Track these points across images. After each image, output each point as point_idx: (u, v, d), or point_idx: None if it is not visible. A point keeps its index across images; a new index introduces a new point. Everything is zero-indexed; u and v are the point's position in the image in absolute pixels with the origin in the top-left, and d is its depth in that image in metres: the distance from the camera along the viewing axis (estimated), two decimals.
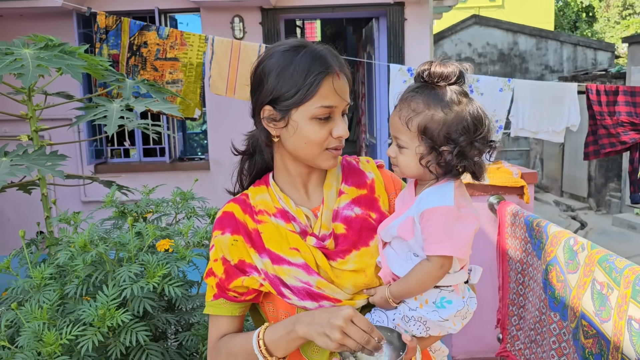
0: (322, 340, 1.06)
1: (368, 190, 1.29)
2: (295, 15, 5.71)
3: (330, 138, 1.19)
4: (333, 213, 1.25)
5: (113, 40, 3.99)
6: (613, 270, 1.75)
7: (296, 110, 1.17)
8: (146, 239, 1.49)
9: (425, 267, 1.14)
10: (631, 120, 4.17)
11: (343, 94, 1.18)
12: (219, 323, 1.25)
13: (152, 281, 1.35)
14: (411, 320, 1.18)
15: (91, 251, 1.37)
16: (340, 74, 1.18)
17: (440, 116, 1.13)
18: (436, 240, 1.12)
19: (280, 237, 1.21)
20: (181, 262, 1.44)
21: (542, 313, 2.29)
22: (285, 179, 1.28)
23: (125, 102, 2.26)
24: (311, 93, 1.15)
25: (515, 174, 3.13)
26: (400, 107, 1.17)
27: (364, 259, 1.22)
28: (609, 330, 1.75)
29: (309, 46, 1.19)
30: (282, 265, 1.19)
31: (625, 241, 7.73)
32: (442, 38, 12.11)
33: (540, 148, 11.56)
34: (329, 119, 1.18)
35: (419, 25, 5.34)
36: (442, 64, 1.16)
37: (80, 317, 1.31)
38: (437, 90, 1.15)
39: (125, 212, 1.82)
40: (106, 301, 1.31)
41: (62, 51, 2.19)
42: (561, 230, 2.18)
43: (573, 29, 19.37)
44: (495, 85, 4.43)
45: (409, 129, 1.14)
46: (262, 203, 1.25)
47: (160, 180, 3.58)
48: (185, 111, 4.15)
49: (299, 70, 1.15)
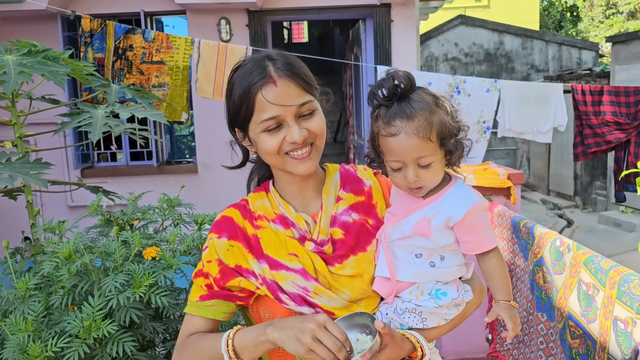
0: (292, 345, 1.04)
1: (366, 197, 1.30)
2: (282, 17, 5.69)
3: (285, 143, 1.17)
4: (331, 219, 1.25)
5: (98, 44, 3.95)
6: (599, 271, 1.76)
7: (249, 127, 1.19)
8: (132, 247, 1.48)
9: (499, 260, 1.21)
10: (616, 120, 4.22)
11: (283, 101, 1.15)
12: (193, 322, 1.25)
13: (138, 291, 1.34)
14: (405, 313, 1.19)
15: (76, 261, 1.36)
16: (278, 80, 1.15)
17: (442, 115, 1.16)
18: (485, 236, 1.19)
19: (279, 242, 1.21)
20: (168, 271, 1.43)
21: (530, 314, 2.30)
22: (283, 187, 1.29)
23: (111, 108, 2.24)
24: (250, 110, 1.16)
25: (502, 175, 3.15)
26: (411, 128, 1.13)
27: (362, 264, 1.22)
28: (595, 331, 1.77)
29: (253, 59, 1.19)
30: (280, 270, 1.19)
31: (611, 239, 7.81)
32: (429, 38, 12.15)
33: (526, 147, 11.65)
34: (281, 127, 1.17)
35: (405, 27, 5.35)
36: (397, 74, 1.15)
37: (66, 329, 1.30)
38: (416, 96, 1.16)
39: (112, 220, 1.80)
40: (92, 312, 1.29)
41: (46, 57, 2.16)
42: (547, 231, 2.20)
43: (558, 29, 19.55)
44: (482, 86, 4.46)
45: (432, 141, 1.14)
46: (261, 209, 1.26)
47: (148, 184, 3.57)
48: (172, 115, 4.12)
49: (238, 89, 1.17)
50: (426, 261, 1.20)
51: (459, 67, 12.17)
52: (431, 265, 1.20)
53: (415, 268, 1.20)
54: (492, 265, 1.21)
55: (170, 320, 1.67)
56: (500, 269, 1.21)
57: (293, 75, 1.17)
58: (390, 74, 1.15)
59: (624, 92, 4.32)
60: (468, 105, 4.44)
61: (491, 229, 1.22)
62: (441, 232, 1.17)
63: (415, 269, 1.20)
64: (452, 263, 1.21)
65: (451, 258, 1.21)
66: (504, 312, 1.19)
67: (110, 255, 1.44)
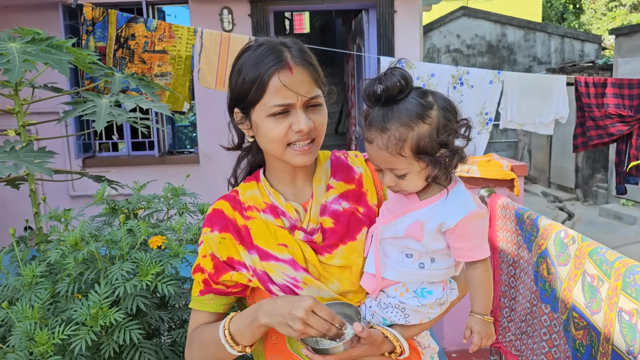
0: (285, 330, 1.09)
1: (356, 185, 1.29)
2: (284, 7, 5.66)
3: (291, 133, 1.16)
4: (321, 207, 1.25)
5: (100, 33, 3.93)
6: (604, 263, 1.76)
7: (253, 110, 1.17)
8: (138, 236, 1.48)
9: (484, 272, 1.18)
10: (619, 112, 4.20)
11: (297, 89, 1.14)
12: (198, 316, 1.27)
13: (145, 279, 1.34)
14: (389, 307, 1.19)
15: (83, 249, 1.35)
16: (294, 68, 1.14)
17: (425, 129, 1.09)
18: (475, 245, 1.15)
19: (268, 233, 1.21)
20: (174, 260, 1.43)
21: (533, 305, 2.30)
22: (275, 175, 1.28)
23: (115, 97, 2.23)
24: (261, 92, 1.14)
25: (505, 167, 3.15)
26: (381, 141, 1.10)
27: (351, 255, 1.22)
28: (600, 322, 1.76)
29: (269, 42, 1.18)
30: (270, 261, 1.19)
31: (611, 231, 7.82)
32: (431, 30, 12.09)
33: (528, 139, 11.62)
34: (287, 114, 1.16)
35: (408, 17, 5.32)
36: (390, 75, 1.10)
37: (73, 317, 1.30)
38: (403, 103, 1.10)
39: (116, 209, 1.80)
40: (98, 300, 1.30)
41: (50, 45, 2.15)
42: (552, 222, 2.19)
43: (560, 21, 19.45)
44: (485, 78, 4.44)
45: (404, 156, 1.10)
46: (251, 199, 1.25)
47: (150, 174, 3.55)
48: (174, 105, 4.11)
49: (251, 69, 1.14)
50: (416, 262, 1.18)
51: (461, 58, 12.12)
52: (420, 267, 1.18)
53: (403, 268, 1.18)
54: (476, 276, 1.18)
55: (175, 309, 1.67)
56: (483, 281, 1.18)
57: (308, 65, 1.17)
58: (381, 76, 1.11)
59: (628, 85, 4.30)
60: (471, 97, 4.42)
61: (485, 238, 1.19)
62: (433, 236, 1.15)
63: (403, 268, 1.18)
64: (441, 266, 1.19)
65: (441, 261, 1.19)
66: (476, 327, 1.18)
67: (116, 244, 1.44)
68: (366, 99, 1.14)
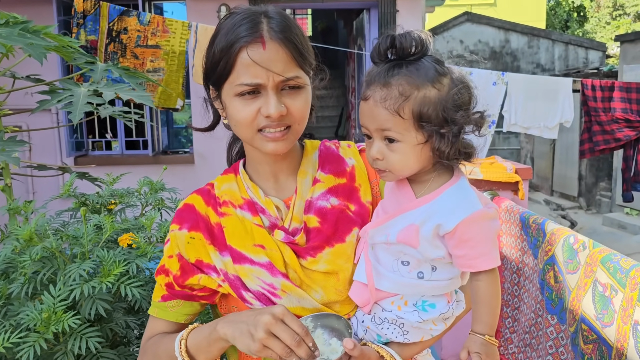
0: (243, 342, 0.91)
1: (347, 179, 1.13)
2: (284, 4, 5.55)
3: (260, 117, 1.01)
4: (305, 204, 1.09)
5: (91, 26, 3.80)
6: (618, 271, 1.62)
7: (222, 88, 1.03)
8: (104, 232, 1.33)
9: (489, 286, 0.97)
10: (626, 117, 4.06)
11: (270, 66, 0.97)
12: (155, 325, 1.12)
13: (105, 280, 1.19)
14: (384, 323, 1.02)
15: (37, 245, 1.21)
16: (268, 42, 0.98)
17: (433, 94, 0.94)
18: (481, 253, 0.95)
19: (244, 232, 1.06)
20: (142, 259, 1.28)
21: (538, 315, 2.16)
22: (254, 167, 1.13)
23: (95, 86, 2.08)
24: (229, 68, 0.99)
25: (509, 169, 3.01)
26: (381, 95, 0.95)
27: (338, 260, 1.05)
28: (612, 336, 1.63)
29: (247, 10, 1.03)
30: (244, 264, 1.04)
31: (615, 241, 7.66)
32: (434, 34, 11.97)
33: (531, 147, 11.49)
34: (257, 95, 1.00)
35: (411, 17, 5.20)
36: (407, 33, 0.96)
37: (22, 321, 1.15)
38: (415, 64, 0.95)
39: (87, 204, 1.65)
40: (52, 303, 1.15)
41: (25, 29, 2.01)
42: (560, 227, 2.06)
43: (564, 28, 19.37)
44: (489, 79, 4.30)
45: (402, 117, 0.94)
46: (228, 193, 1.10)
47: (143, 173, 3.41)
48: (167, 101, 3.97)
49: (221, 41, 1.00)
50: (413, 271, 1.00)
51: (464, 64, 12.00)
52: (419, 277, 1.00)
53: (399, 277, 1.00)
54: (480, 289, 0.98)
55: (147, 314, 1.52)
56: (488, 296, 0.97)
57: (286, 41, 1.00)
58: (394, 34, 0.96)
59: (636, 89, 4.16)
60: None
61: (494, 244, 0.98)
62: (431, 242, 0.96)
63: (399, 278, 1.00)
64: (444, 276, 1.01)
65: (444, 270, 1.00)
66: (477, 348, 0.95)
67: (79, 240, 1.30)
68: (375, 54, 0.98)
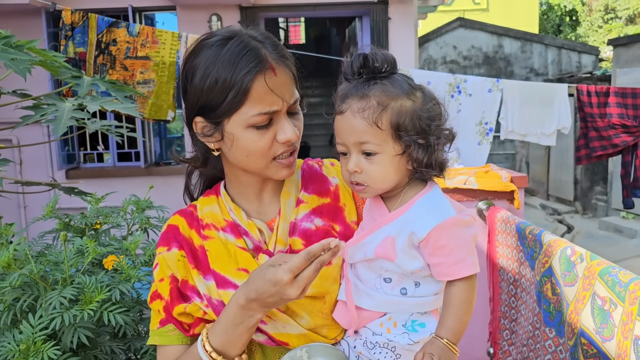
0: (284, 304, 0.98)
1: (332, 199, 1.10)
2: (275, 13, 5.53)
3: (277, 144, 0.98)
4: (290, 226, 1.05)
5: (80, 38, 3.76)
6: (616, 285, 1.58)
7: (228, 120, 0.97)
8: (86, 256, 1.28)
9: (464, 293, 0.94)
10: (623, 122, 4.03)
11: (283, 93, 0.96)
12: (165, 352, 1.05)
13: (87, 307, 1.14)
14: (376, 347, 0.99)
15: (16, 271, 1.16)
16: (277, 68, 0.96)
17: (409, 104, 0.95)
18: (457, 260, 0.94)
19: (227, 256, 1.02)
20: (126, 284, 1.24)
21: (536, 328, 2.12)
22: (238, 190, 1.09)
23: (80, 100, 2.04)
24: (241, 99, 0.94)
25: (504, 178, 2.97)
26: (358, 106, 0.94)
27: (325, 283, 1.02)
28: (612, 350, 1.59)
29: (238, 36, 0.97)
30: (227, 289, 0.99)
31: (612, 245, 7.65)
32: (427, 41, 11.99)
33: (526, 151, 11.49)
34: (270, 123, 0.97)
35: (403, 25, 5.18)
36: (378, 50, 0.97)
37: (0, 352, 1.10)
38: (389, 79, 0.96)
39: (71, 225, 1.60)
40: (32, 333, 1.10)
41: (7, 44, 1.97)
42: (557, 238, 2.02)
43: (557, 33, 19.45)
44: (484, 86, 4.28)
45: (380, 127, 0.93)
46: (210, 216, 1.06)
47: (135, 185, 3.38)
48: (158, 113, 3.93)
49: (224, 70, 0.94)
50: (396, 287, 0.98)
51: (458, 70, 12.01)
52: (402, 293, 0.98)
53: (382, 295, 0.98)
54: (452, 294, 0.95)
55: (133, 338, 1.47)
56: (459, 302, 0.94)
57: (288, 63, 1.00)
58: (364, 52, 0.96)
59: (631, 94, 4.14)
60: (469, 106, 4.25)
61: (471, 250, 0.96)
62: (407, 253, 0.95)
63: (382, 296, 0.98)
64: (428, 291, 0.99)
65: (428, 285, 0.99)
66: (433, 350, 0.90)
67: (60, 265, 1.25)
68: (348, 72, 0.98)
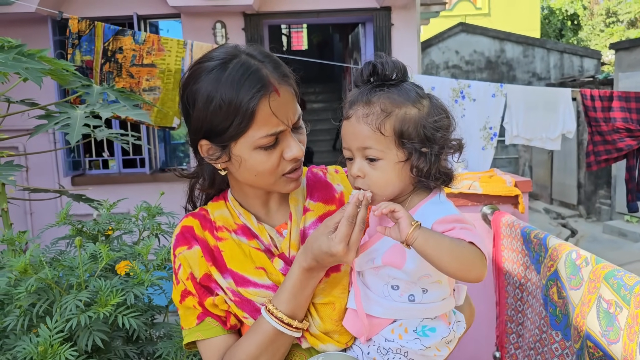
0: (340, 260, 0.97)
1: (337, 205, 1.13)
2: (279, 20, 5.56)
3: (284, 162, 1.01)
4: (300, 234, 1.08)
5: (86, 46, 3.80)
6: (622, 288, 1.60)
7: (235, 144, 0.99)
8: (100, 261, 1.31)
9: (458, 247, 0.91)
10: (627, 127, 4.04)
11: (287, 112, 0.99)
12: (213, 345, 1.03)
13: (102, 310, 1.17)
14: (389, 353, 1.01)
15: (32, 276, 1.18)
16: (280, 88, 0.97)
17: (414, 112, 0.97)
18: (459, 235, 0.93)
19: (243, 255, 1.05)
20: (139, 288, 1.26)
21: (543, 332, 2.13)
22: (244, 199, 1.12)
23: (91, 108, 2.08)
24: (247, 123, 0.96)
25: (508, 183, 2.99)
26: (363, 112, 0.97)
27: (334, 291, 1.05)
28: (618, 353, 1.60)
29: (238, 58, 0.98)
30: (248, 287, 1.02)
31: (616, 249, 7.63)
32: (430, 46, 12.03)
33: (529, 155, 11.49)
34: (276, 143, 1.00)
35: (406, 31, 5.21)
36: (389, 58, 1.01)
37: (18, 355, 1.12)
38: (396, 87, 0.99)
39: (84, 231, 1.63)
40: (49, 335, 1.12)
41: (20, 53, 2.00)
42: (562, 242, 2.03)
43: (559, 37, 19.48)
44: (488, 91, 4.29)
45: (383, 134, 0.95)
46: (221, 219, 1.09)
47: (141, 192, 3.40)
48: (164, 120, 3.96)
49: (228, 95, 0.95)
50: (404, 294, 1.00)
51: (460, 74, 12.04)
52: (410, 300, 1.00)
53: (391, 302, 1.00)
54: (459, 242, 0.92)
55: (147, 342, 1.49)
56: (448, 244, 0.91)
57: (290, 82, 1.01)
58: (374, 60, 0.99)
59: (635, 98, 4.15)
60: (473, 111, 4.27)
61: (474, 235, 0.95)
62: (416, 256, 0.95)
63: (390, 303, 1.00)
64: (436, 297, 1.01)
65: (435, 291, 1.01)
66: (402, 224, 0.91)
67: (74, 271, 1.27)
68: (358, 79, 1.01)
